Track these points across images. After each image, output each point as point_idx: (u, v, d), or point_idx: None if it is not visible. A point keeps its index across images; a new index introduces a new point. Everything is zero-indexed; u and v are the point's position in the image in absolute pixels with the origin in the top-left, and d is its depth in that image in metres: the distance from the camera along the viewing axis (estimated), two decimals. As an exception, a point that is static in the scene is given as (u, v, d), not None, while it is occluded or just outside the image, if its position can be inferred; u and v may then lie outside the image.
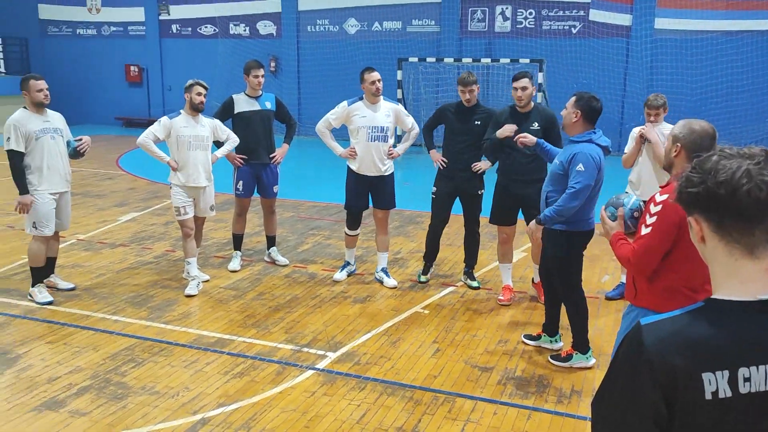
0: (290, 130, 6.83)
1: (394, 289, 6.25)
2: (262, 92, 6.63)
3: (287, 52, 18.54)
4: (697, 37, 14.73)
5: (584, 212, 4.48)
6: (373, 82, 5.98)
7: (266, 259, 7.03)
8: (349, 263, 6.54)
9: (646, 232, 2.94)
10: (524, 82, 5.48)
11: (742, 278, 1.34)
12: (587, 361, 4.68)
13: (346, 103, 6.14)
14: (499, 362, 4.78)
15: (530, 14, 16.12)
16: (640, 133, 5.58)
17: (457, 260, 7.15)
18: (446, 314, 5.67)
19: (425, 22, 17.19)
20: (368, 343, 5.06)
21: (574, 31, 15.83)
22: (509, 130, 5.37)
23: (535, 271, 5.97)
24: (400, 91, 16.19)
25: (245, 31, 19.06)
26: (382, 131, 6.08)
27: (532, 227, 4.64)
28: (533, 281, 6.14)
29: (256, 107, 6.57)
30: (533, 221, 4.64)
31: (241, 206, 6.78)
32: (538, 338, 5.06)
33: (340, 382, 4.42)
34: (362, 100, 6.10)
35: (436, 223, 6.33)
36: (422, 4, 17.06)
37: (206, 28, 19.49)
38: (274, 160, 6.69)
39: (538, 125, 5.46)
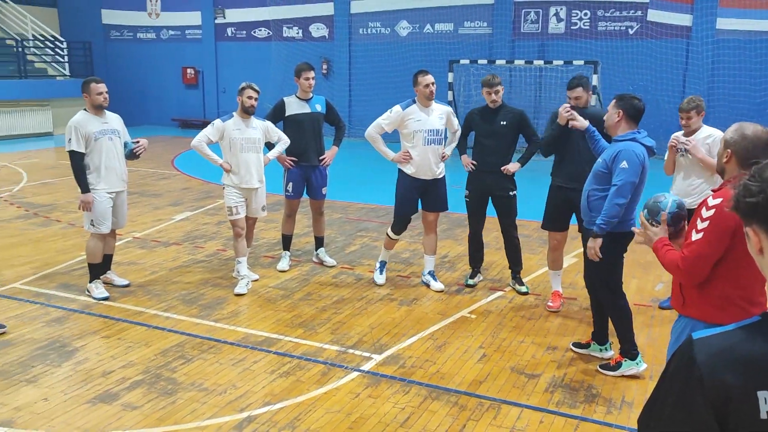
0: (339, 132, 6.88)
1: (440, 292, 6.21)
2: (312, 95, 6.69)
3: (339, 54, 18.70)
4: (761, 38, 14.17)
5: (626, 213, 4.38)
6: (427, 85, 5.96)
7: (314, 259, 7.10)
8: (385, 263, 6.52)
9: (697, 237, 2.79)
10: (578, 92, 5.44)
11: None
12: (638, 366, 4.55)
13: (399, 107, 6.08)
14: (546, 369, 4.69)
15: (585, 15, 15.82)
16: (672, 143, 5.54)
17: (506, 264, 7.05)
18: (493, 319, 5.60)
19: (477, 23, 17.07)
20: (414, 346, 5.04)
21: (630, 31, 15.45)
22: (564, 109, 5.23)
23: (553, 279, 5.91)
24: (450, 93, 16.10)
25: (298, 33, 19.31)
26: (437, 134, 6.06)
27: (591, 244, 4.43)
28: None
29: (306, 110, 6.63)
30: (590, 239, 4.46)
31: (290, 207, 6.86)
32: (587, 346, 4.95)
33: (384, 384, 4.42)
34: (415, 103, 6.07)
35: (474, 225, 6.33)
36: (474, 5, 16.94)
37: (260, 31, 19.83)
38: (323, 162, 6.75)
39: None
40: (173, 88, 21.31)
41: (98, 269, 5.99)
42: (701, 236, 2.77)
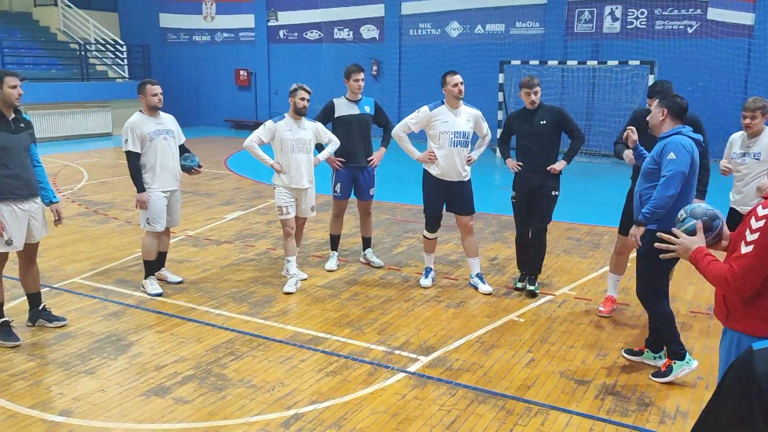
0: (388, 133, 6.88)
1: (489, 295, 6.16)
2: (361, 96, 6.73)
3: (389, 55, 18.75)
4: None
5: (676, 207, 4.27)
6: (455, 84, 5.93)
7: (362, 260, 7.13)
8: (431, 269, 6.50)
9: (747, 250, 2.60)
10: (649, 101, 5.31)
11: None
12: (689, 365, 4.41)
13: (427, 107, 6.10)
14: (597, 376, 4.60)
15: (642, 14, 15.42)
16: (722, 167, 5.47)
17: (556, 268, 6.95)
18: (542, 323, 5.52)
19: (529, 24, 16.85)
20: (461, 348, 5.01)
21: (690, 30, 14.99)
22: (628, 134, 5.13)
23: (611, 283, 5.76)
24: (501, 94, 15.96)
25: (349, 35, 19.45)
26: (463, 136, 6.03)
27: (633, 231, 4.44)
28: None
29: (355, 111, 6.67)
30: (633, 226, 4.45)
31: (338, 208, 6.91)
32: (640, 354, 4.82)
33: (431, 386, 4.41)
34: (444, 104, 6.05)
35: (521, 227, 6.26)
36: (526, 5, 16.73)
37: (312, 33, 20.06)
38: (371, 163, 6.78)
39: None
40: (227, 89, 21.76)
41: (153, 266, 6.16)
42: (751, 249, 2.60)
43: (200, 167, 6.22)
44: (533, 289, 6.17)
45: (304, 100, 6.14)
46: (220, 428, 3.87)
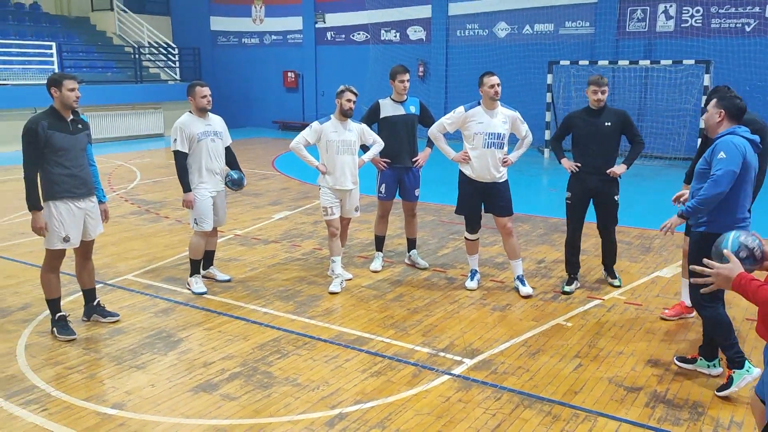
0: (434, 134, 6.86)
1: (531, 298, 6.07)
2: (407, 97, 6.72)
3: (435, 56, 18.70)
4: None
5: (729, 210, 4.14)
6: (492, 85, 5.88)
7: (406, 261, 7.12)
8: (476, 271, 6.45)
9: None
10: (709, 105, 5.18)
11: None
12: (749, 374, 4.24)
13: (463, 108, 6.06)
14: (647, 383, 4.48)
15: (697, 12, 14.98)
16: None
17: (604, 272, 6.81)
18: (590, 328, 5.41)
19: (579, 23, 16.57)
20: (506, 352, 4.95)
21: (747, 29, 14.48)
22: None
23: (684, 289, 5.61)
24: (549, 95, 15.73)
25: (395, 36, 19.48)
26: (498, 138, 5.96)
27: (670, 220, 4.44)
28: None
29: (400, 112, 6.67)
30: (675, 216, 4.42)
31: (383, 208, 6.92)
32: (693, 361, 4.67)
33: (475, 389, 4.37)
34: (480, 105, 6.01)
35: (572, 229, 6.20)
36: (576, 5, 16.46)
37: (359, 34, 20.17)
38: (416, 163, 6.76)
39: None
40: (274, 91, 22.07)
41: (198, 265, 6.27)
42: None
43: (240, 187, 6.32)
44: (617, 283, 6.31)
45: (350, 101, 6.18)
46: (265, 425, 3.91)
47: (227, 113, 6.69)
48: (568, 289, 6.20)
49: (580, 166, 5.99)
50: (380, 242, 7.04)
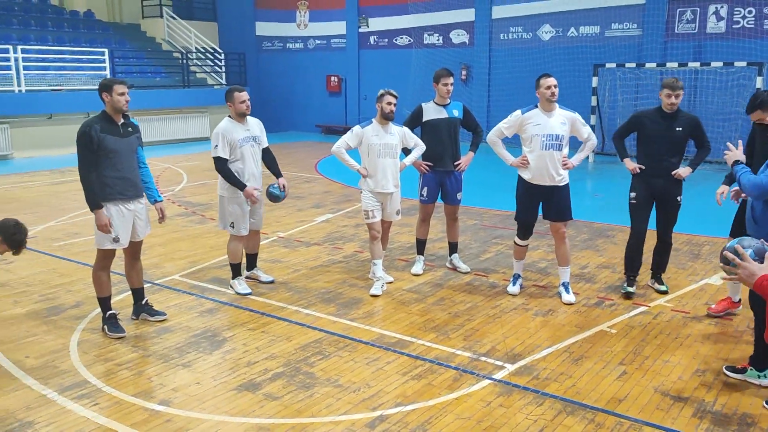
0: (476, 137, 6.84)
1: (577, 305, 5.99)
2: (450, 100, 6.72)
3: (479, 60, 18.62)
4: None
5: None
6: (548, 87, 5.82)
7: (448, 265, 7.11)
8: (519, 276, 6.40)
9: None
10: (757, 114, 5.02)
11: None
12: None
13: (519, 111, 6.01)
14: (694, 393, 4.37)
15: (749, 13, 14.56)
16: None
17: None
18: (636, 335, 5.31)
19: (626, 25, 16.27)
20: (548, 358, 4.90)
21: (803, 29, 14.02)
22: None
23: (731, 286, 5.55)
24: (594, 98, 15.50)
25: (439, 40, 19.47)
26: (556, 139, 5.88)
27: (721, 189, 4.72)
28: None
29: (443, 115, 6.67)
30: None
31: (425, 212, 6.93)
32: (743, 371, 4.54)
33: (517, 395, 4.33)
34: (537, 107, 5.95)
35: (637, 230, 6.11)
36: (623, 6, 16.17)
37: (402, 38, 20.22)
38: (458, 167, 6.75)
39: None
40: (317, 95, 22.28)
41: (239, 268, 6.36)
42: None
43: (278, 200, 6.39)
44: (664, 288, 6.22)
45: (390, 104, 6.20)
46: (307, 425, 3.96)
47: (271, 117, 6.82)
48: (631, 289, 6.14)
49: (643, 168, 5.94)
50: (421, 246, 7.04)
